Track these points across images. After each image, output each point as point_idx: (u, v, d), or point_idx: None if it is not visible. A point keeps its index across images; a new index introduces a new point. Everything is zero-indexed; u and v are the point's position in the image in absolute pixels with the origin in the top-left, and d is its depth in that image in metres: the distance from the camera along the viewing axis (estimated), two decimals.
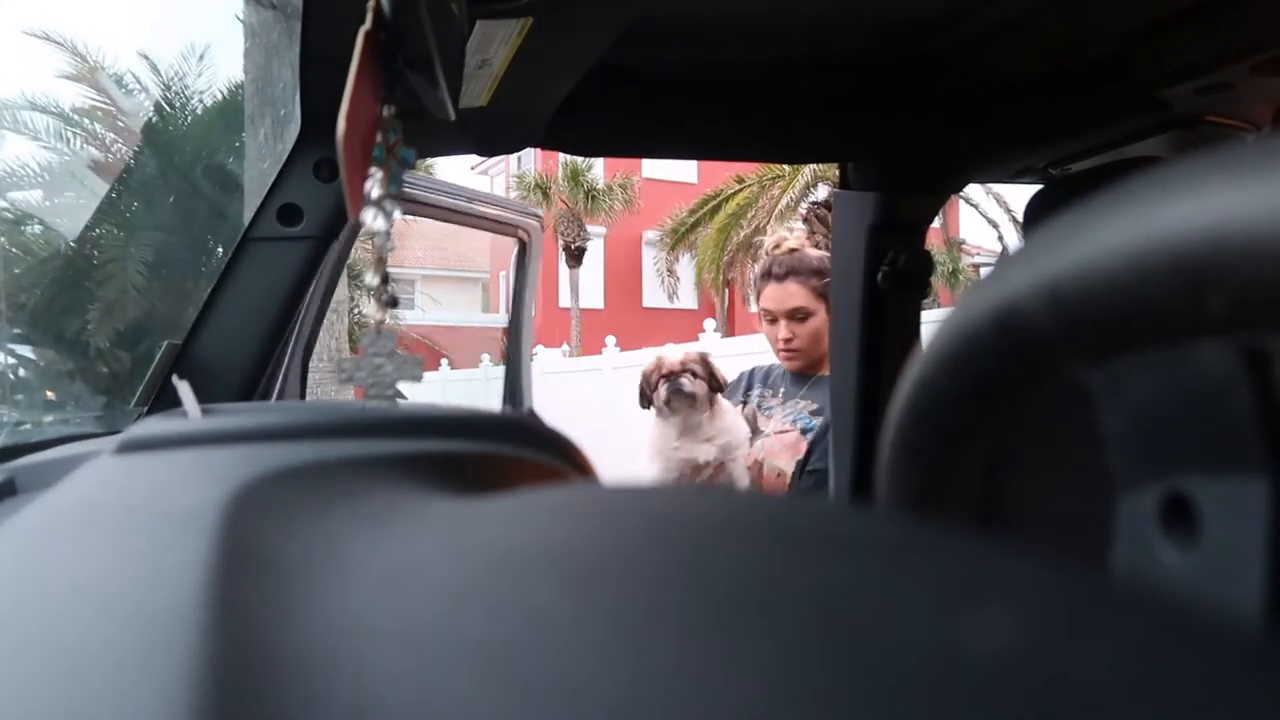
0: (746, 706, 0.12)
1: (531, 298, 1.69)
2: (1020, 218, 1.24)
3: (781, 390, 1.78)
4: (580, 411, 8.54)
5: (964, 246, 15.62)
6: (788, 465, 1.69)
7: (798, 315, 1.70)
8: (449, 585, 0.17)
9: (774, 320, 1.72)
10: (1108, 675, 0.11)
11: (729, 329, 16.36)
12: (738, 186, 14.38)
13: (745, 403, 1.84)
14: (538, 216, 1.63)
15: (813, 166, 11.53)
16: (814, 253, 1.72)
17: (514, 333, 1.67)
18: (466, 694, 0.13)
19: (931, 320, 0.35)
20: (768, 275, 1.73)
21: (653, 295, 19.87)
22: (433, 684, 0.13)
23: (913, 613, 0.14)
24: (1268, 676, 0.11)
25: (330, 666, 0.14)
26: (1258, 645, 0.12)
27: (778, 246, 1.75)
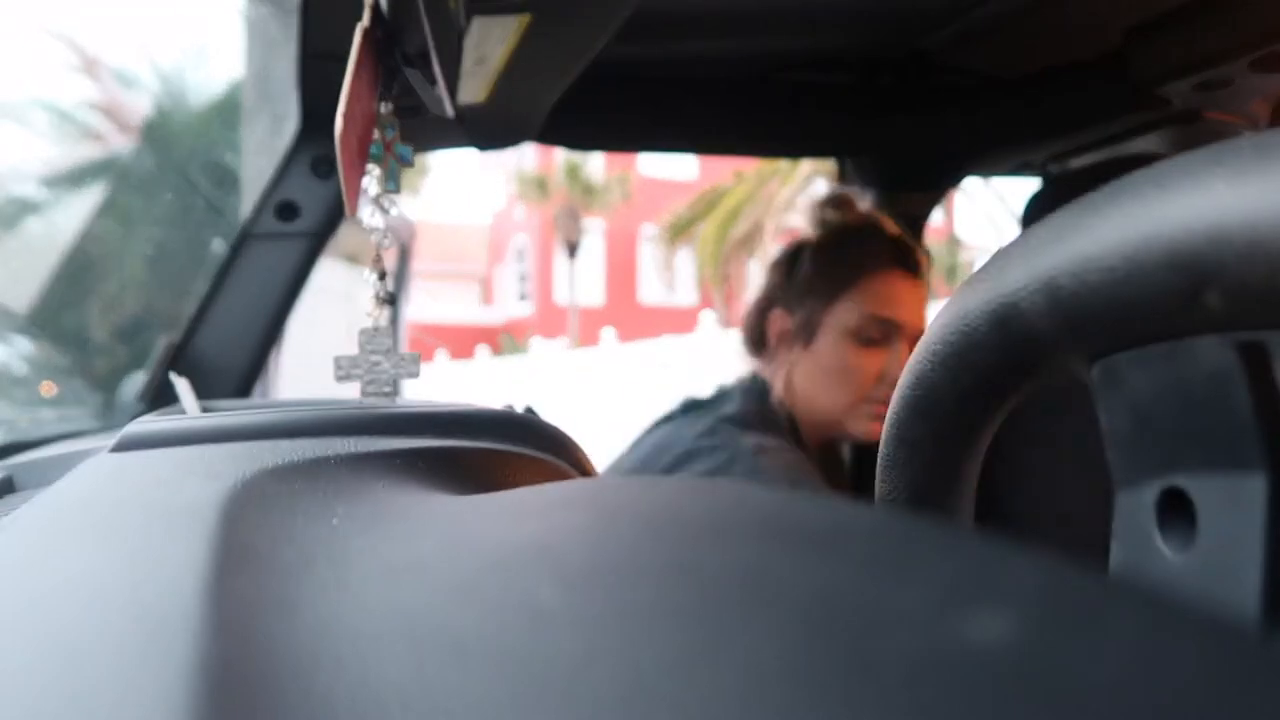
0: (744, 703, 0.12)
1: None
2: (1018, 212, 1.24)
3: None
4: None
5: (962, 243, 15.65)
6: None
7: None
8: (447, 582, 0.17)
9: (887, 341, 0.97)
10: (1104, 672, 0.11)
11: (729, 322, 16.39)
12: (736, 182, 14.39)
13: None
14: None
15: (811, 162, 11.53)
16: None
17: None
18: (464, 690, 0.13)
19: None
20: (897, 256, 0.99)
21: (652, 290, 19.88)
22: (431, 681, 0.13)
23: (911, 609, 0.14)
24: (1265, 674, 0.11)
25: (328, 664, 0.14)
26: (1255, 642, 0.12)
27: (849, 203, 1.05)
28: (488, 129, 1.00)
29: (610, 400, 9.09)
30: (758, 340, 1.04)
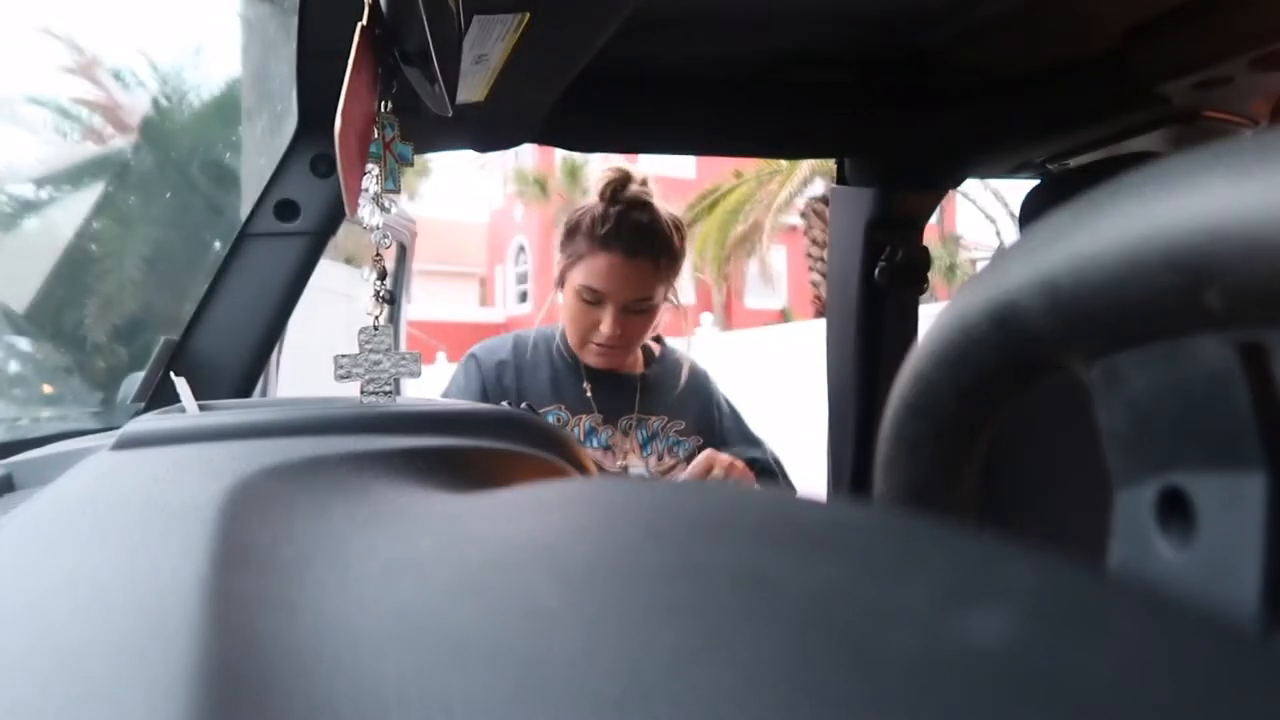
0: (742, 701, 0.12)
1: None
2: (1016, 211, 1.24)
3: (597, 399, 1.31)
4: None
5: (961, 241, 15.64)
6: None
7: (640, 306, 1.23)
8: (446, 580, 0.17)
9: (599, 304, 1.23)
10: (1104, 670, 0.11)
11: (727, 323, 16.39)
12: (736, 182, 14.37)
13: None
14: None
15: (810, 162, 11.53)
16: (665, 211, 1.25)
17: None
18: (462, 687, 0.13)
19: (931, 314, 0.35)
20: (606, 240, 1.21)
21: None
22: (429, 678, 0.13)
23: (910, 608, 0.14)
24: (1264, 672, 0.11)
25: (328, 662, 0.14)
26: (1254, 640, 0.12)
27: (621, 187, 1.24)
28: (488, 128, 1.00)
29: None
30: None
